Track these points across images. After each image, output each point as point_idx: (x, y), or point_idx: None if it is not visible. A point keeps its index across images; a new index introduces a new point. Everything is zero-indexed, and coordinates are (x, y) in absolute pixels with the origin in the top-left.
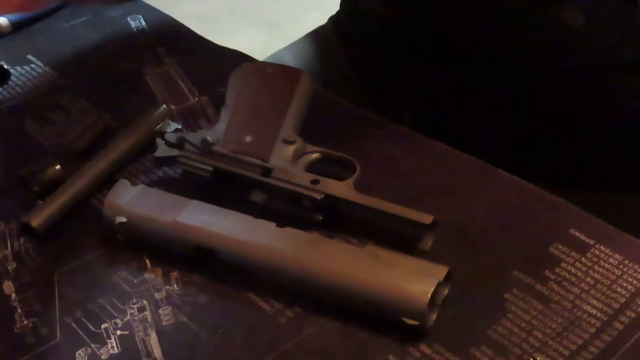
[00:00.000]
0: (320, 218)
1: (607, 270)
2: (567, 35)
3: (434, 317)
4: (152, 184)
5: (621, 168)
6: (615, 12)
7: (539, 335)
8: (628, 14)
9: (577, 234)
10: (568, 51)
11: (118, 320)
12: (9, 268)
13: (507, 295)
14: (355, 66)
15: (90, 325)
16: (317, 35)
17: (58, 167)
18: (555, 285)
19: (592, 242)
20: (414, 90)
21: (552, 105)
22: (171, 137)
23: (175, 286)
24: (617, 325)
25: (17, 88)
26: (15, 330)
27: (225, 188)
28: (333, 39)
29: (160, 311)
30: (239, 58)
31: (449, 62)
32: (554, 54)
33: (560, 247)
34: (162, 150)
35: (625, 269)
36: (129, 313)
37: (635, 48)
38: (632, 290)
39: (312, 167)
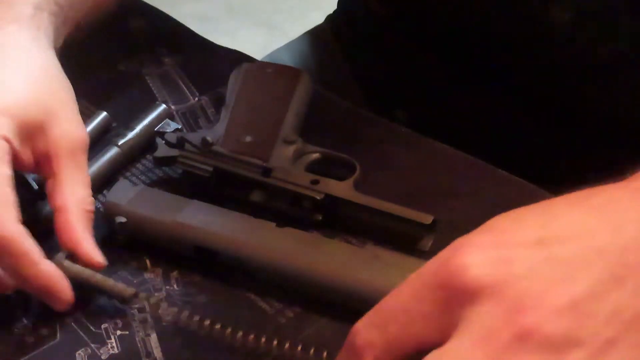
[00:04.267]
0: (320, 218)
1: None
2: (555, 31)
3: None
4: (152, 184)
5: (621, 168)
6: (605, 7)
7: None
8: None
9: None
10: (557, 47)
11: (118, 320)
12: None
13: None
14: (352, 64)
15: (90, 325)
16: (315, 34)
17: None
18: None
19: None
20: (410, 88)
21: (550, 103)
22: (171, 137)
23: (175, 286)
24: None
25: None
26: (16, 330)
27: (225, 188)
28: (330, 38)
29: (160, 311)
30: (239, 58)
31: (444, 59)
32: (543, 50)
33: None
34: (162, 150)
35: None
36: (129, 313)
37: (625, 44)
38: None
39: (312, 167)
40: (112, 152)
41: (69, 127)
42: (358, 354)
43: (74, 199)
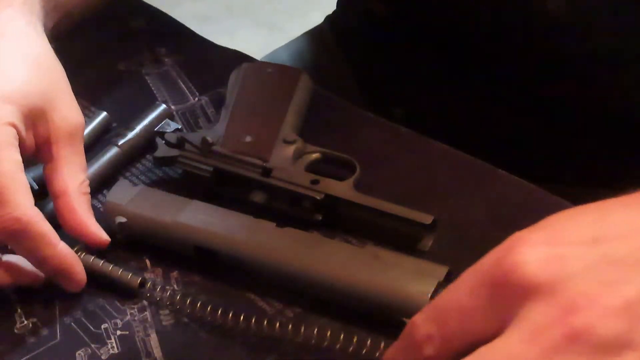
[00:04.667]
0: (320, 218)
1: None
2: (553, 23)
3: None
4: (152, 184)
5: (622, 167)
6: (604, 2)
7: None
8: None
9: None
10: (554, 40)
11: (118, 321)
12: None
13: None
14: (351, 64)
15: (90, 326)
16: (314, 34)
17: None
18: None
19: None
20: (409, 86)
21: (550, 101)
22: (171, 137)
23: (175, 286)
24: None
25: None
26: (15, 331)
27: (225, 188)
28: (330, 38)
29: (160, 311)
30: (239, 58)
31: (443, 58)
32: (541, 44)
33: None
34: (162, 150)
35: None
36: (129, 313)
37: (627, 40)
38: None
39: (312, 167)
40: (112, 152)
41: (68, 112)
42: (418, 346)
43: (73, 183)
